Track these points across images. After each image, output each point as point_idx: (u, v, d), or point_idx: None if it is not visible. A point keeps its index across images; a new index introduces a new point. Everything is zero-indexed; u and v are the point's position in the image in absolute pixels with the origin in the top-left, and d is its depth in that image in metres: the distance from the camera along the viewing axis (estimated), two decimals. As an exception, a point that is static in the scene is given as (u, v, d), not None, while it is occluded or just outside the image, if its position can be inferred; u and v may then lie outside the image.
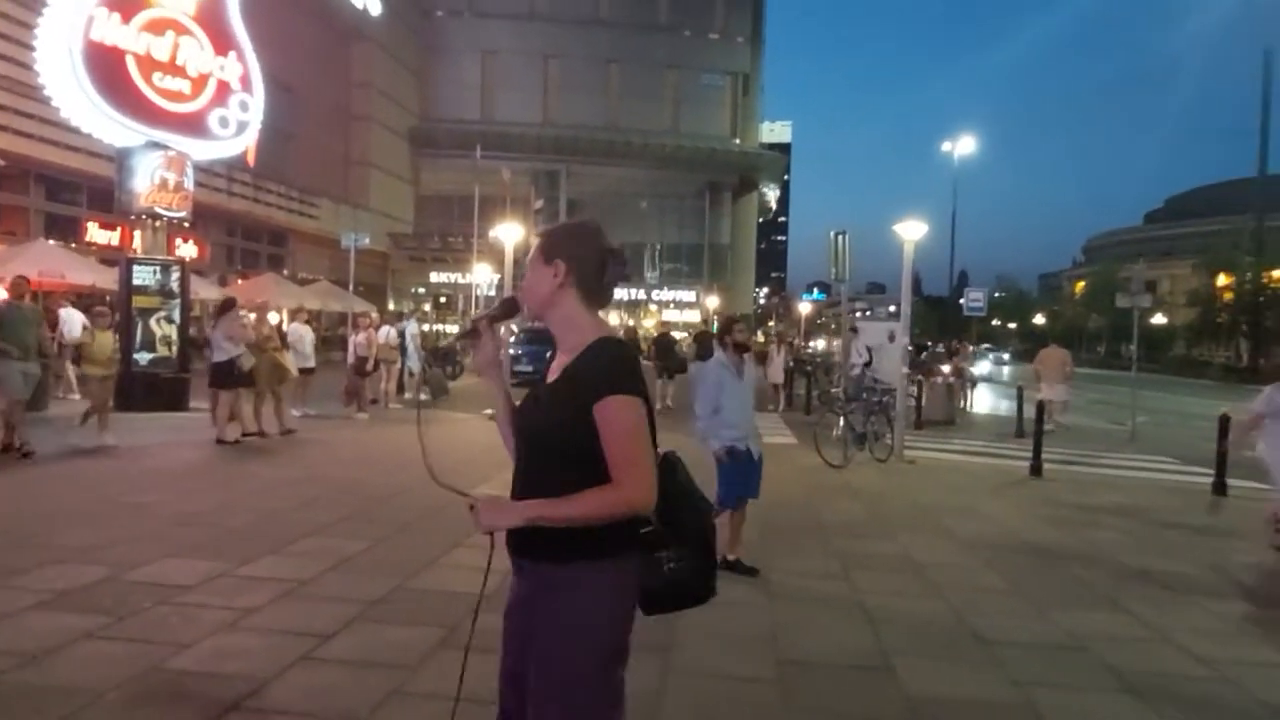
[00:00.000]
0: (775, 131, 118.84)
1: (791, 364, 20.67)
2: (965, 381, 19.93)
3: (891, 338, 15.86)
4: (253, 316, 11.17)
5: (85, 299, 17.17)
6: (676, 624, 3.54)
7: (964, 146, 39.19)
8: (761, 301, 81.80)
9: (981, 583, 5.60)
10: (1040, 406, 11.32)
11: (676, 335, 24.73)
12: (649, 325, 51.31)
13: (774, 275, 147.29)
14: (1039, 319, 69.82)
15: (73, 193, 22.08)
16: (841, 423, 11.12)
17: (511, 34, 49.17)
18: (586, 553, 1.79)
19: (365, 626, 4.17)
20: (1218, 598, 5.51)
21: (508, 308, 2.13)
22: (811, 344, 43.94)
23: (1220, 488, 9.39)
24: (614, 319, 51.56)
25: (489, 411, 13.13)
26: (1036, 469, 10.20)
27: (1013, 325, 74.70)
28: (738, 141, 53.97)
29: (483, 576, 2.05)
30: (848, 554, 6.17)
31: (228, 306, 10.22)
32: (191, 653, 3.69)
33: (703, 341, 20.39)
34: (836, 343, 23.50)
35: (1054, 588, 5.56)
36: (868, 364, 15.56)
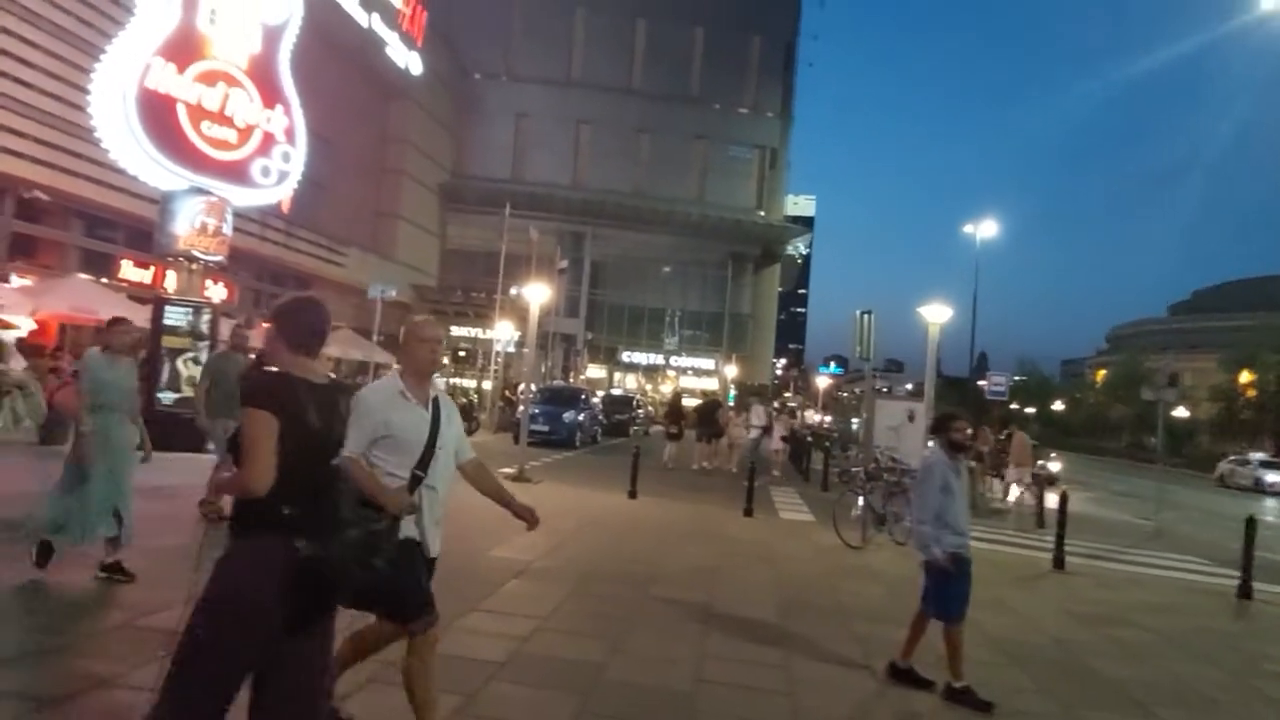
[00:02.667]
0: (799, 205, 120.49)
1: (786, 434, 20.53)
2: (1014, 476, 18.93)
3: (911, 417, 15.77)
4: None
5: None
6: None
7: (986, 229, 39.49)
8: (779, 372, 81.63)
9: (1008, 681, 5.42)
10: (1064, 497, 11.13)
11: (688, 403, 24.78)
12: (665, 390, 51.35)
13: (792, 347, 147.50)
14: (1059, 405, 69.19)
15: (110, 230, 22.57)
16: (861, 502, 10.98)
17: (546, 98, 50.53)
18: (237, 531, 2.41)
19: (381, 689, 4.07)
20: (1244, 707, 5.31)
21: None
22: (821, 417, 43.68)
23: (1246, 591, 9.14)
24: (631, 382, 51.73)
25: (505, 470, 12.89)
26: (1060, 562, 9.97)
27: (1032, 410, 74.27)
28: (762, 213, 54.71)
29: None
30: (869, 639, 6.01)
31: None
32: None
33: (705, 412, 20.43)
34: (855, 420, 23.45)
35: (1081, 689, 5.37)
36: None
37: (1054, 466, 23.31)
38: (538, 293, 16.22)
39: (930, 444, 11.88)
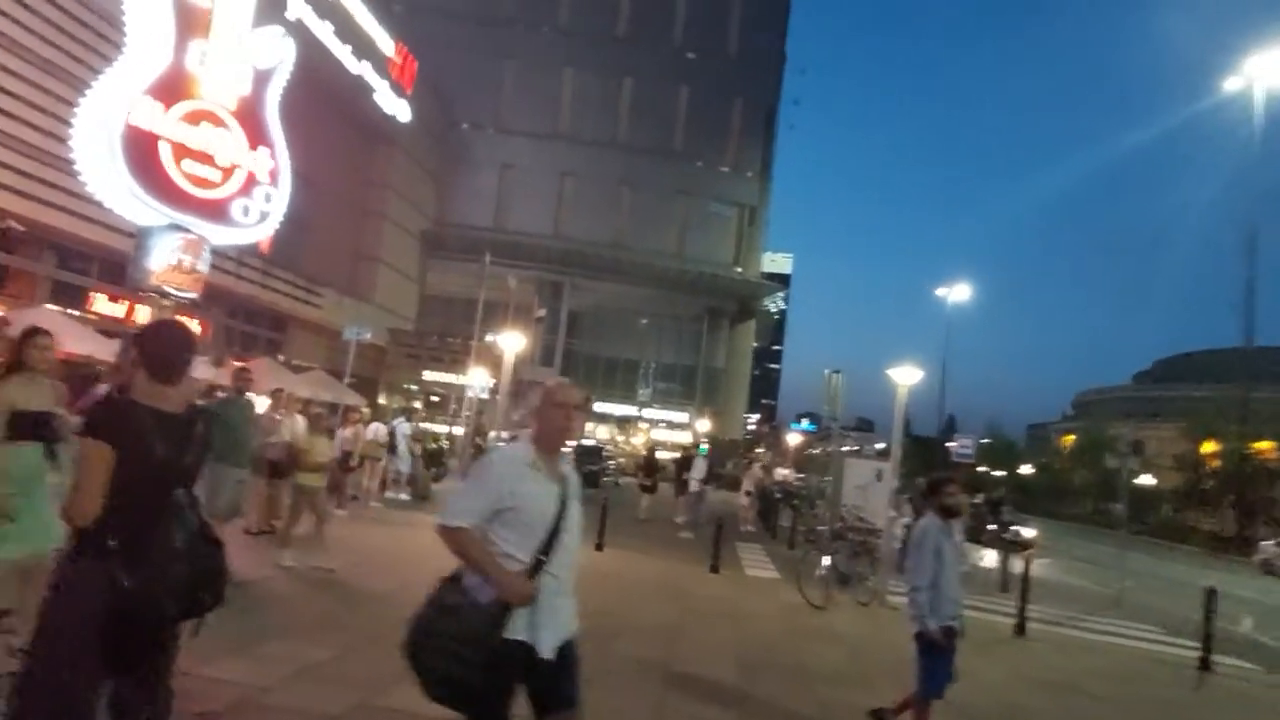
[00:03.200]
0: (776, 262, 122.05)
1: (751, 489, 20.69)
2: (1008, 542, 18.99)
3: (879, 476, 15.89)
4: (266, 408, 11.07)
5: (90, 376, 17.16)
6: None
7: (959, 292, 40.30)
8: (751, 427, 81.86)
9: (963, 747, 5.42)
10: (1027, 563, 11.22)
11: (662, 455, 24.94)
12: (637, 443, 51.22)
13: (765, 402, 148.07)
14: (1026, 469, 69.81)
15: (83, 263, 22.42)
16: (826, 561, 10.99)
17: (531, 149, 51.29)
18: (68, 559, 2.47)
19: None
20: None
21: None
22: (790, 473, 43.69)
23: (1205, 663, 9.21)
24: (604, 433, 51.59)
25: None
26: (1021, 628, 10.02)
27: (999, 473, 74.94)
28: (740, 269, 55.46)
29: None
30: (830, 703, 6.00)
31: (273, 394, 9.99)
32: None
33: (683, 466, 20.49)
34: (825, 478, 23.54)
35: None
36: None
37: (1028, 532, 23.42)
38: (513, 341, 16.28)
39: (897, 506, 11.91)
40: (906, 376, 12.16)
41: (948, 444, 24.43)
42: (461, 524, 2.68)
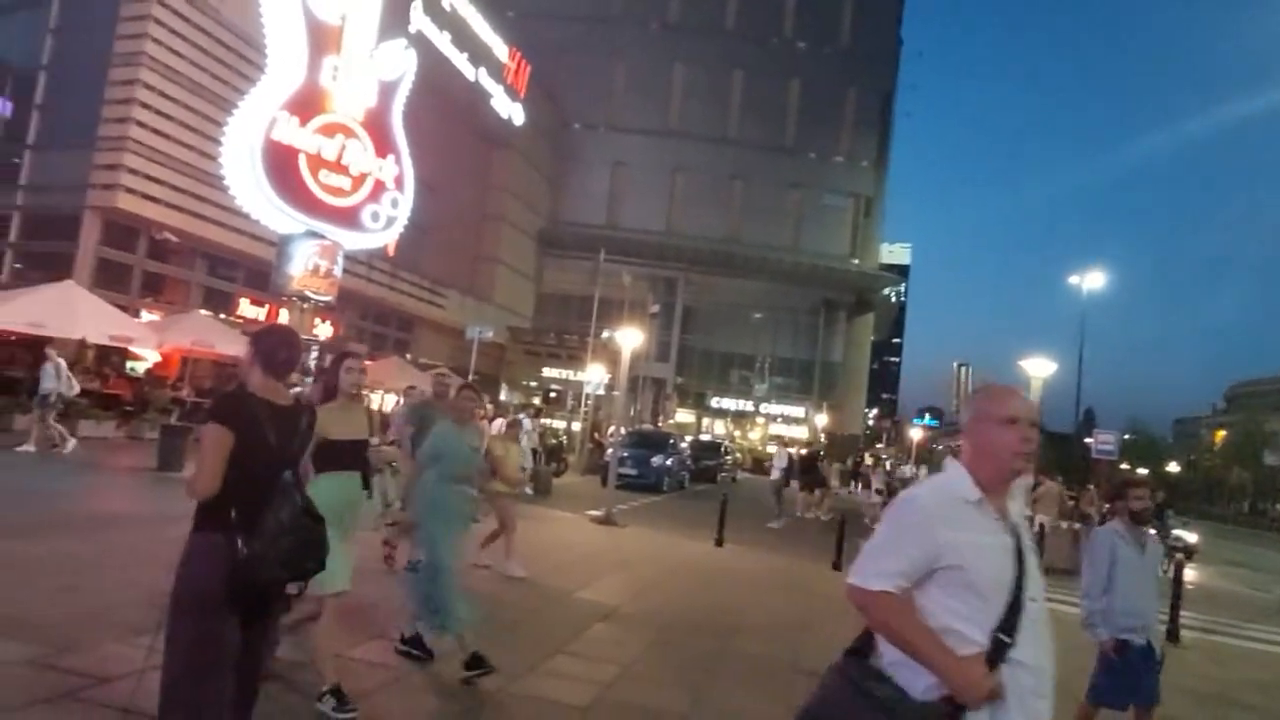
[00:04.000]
0: (895, 253, 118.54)
1: (882, 487, 20.95)
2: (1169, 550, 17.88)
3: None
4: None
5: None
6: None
7: (1093, 280, 37.98)
8: (871, 423, 79.98)
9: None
10: (1180, 566, 10.45)
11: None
12: (754, 438, 50.81)
13: (885, 397, 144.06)
14: (1173, 467, 65.19)
15: (230, 270, 24.08)
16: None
17: (642, 147, 51.62)
18: (194, 529, 2.73)
19: (462, 728, 4.14)
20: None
21: None
22: (915, 469, 42.32)
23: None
24: (720, 427, 51.46)
25: (592, 512, 13.10)
26: (1174, 634, 9.33)
27: (1143, 471, 70.40)
28: (856, 261, 54.11)
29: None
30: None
31: (407, 391, 10.26)
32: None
33: (807, 462, 20.46)
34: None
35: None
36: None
37: (1190, 537, 21.64)
38: (629, 337, 16.41)
39: (1030, 508, 11.32)
40: (1040, 369, 11.55)
41: (1086, 440, 22.99)
42: (884, 587, 1.95)
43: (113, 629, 4.61)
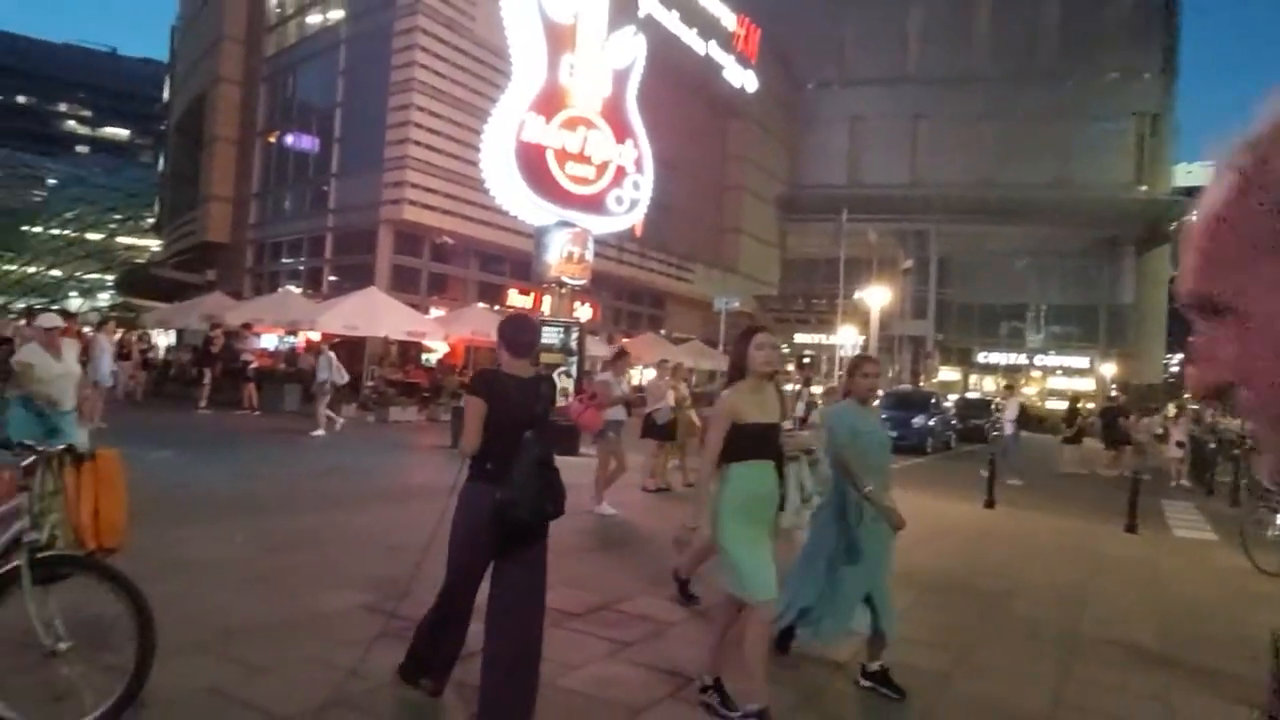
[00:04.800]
0: (1193, 174, 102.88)
1: (1183, 440, 18.24)
2: None
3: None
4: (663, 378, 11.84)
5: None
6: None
7: None
8: (1174, 370, 70.68)
9: None
10: None
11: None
12: (1030, 393, 46.97)
13: (1191, 340, 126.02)
14: None
15: (499, 264, 26.37)
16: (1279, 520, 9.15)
17: (880, 98, 49.12)
18: (468, 479, 3.50)
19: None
20: None
21: None
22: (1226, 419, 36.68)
23: None
24: (989, 384, 48.16)
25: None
26: None
27: None
28: (1143, 188, 47.73)
29: None
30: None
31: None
32: (578, 674, 4.15)
33: (1108, 417, 18.75)
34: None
35: None
36: None
37: None
38: (877, 295, 15.82)
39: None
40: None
41: None
42: None
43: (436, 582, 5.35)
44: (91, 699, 3.09)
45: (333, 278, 25.62)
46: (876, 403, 5.14)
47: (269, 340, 23.07)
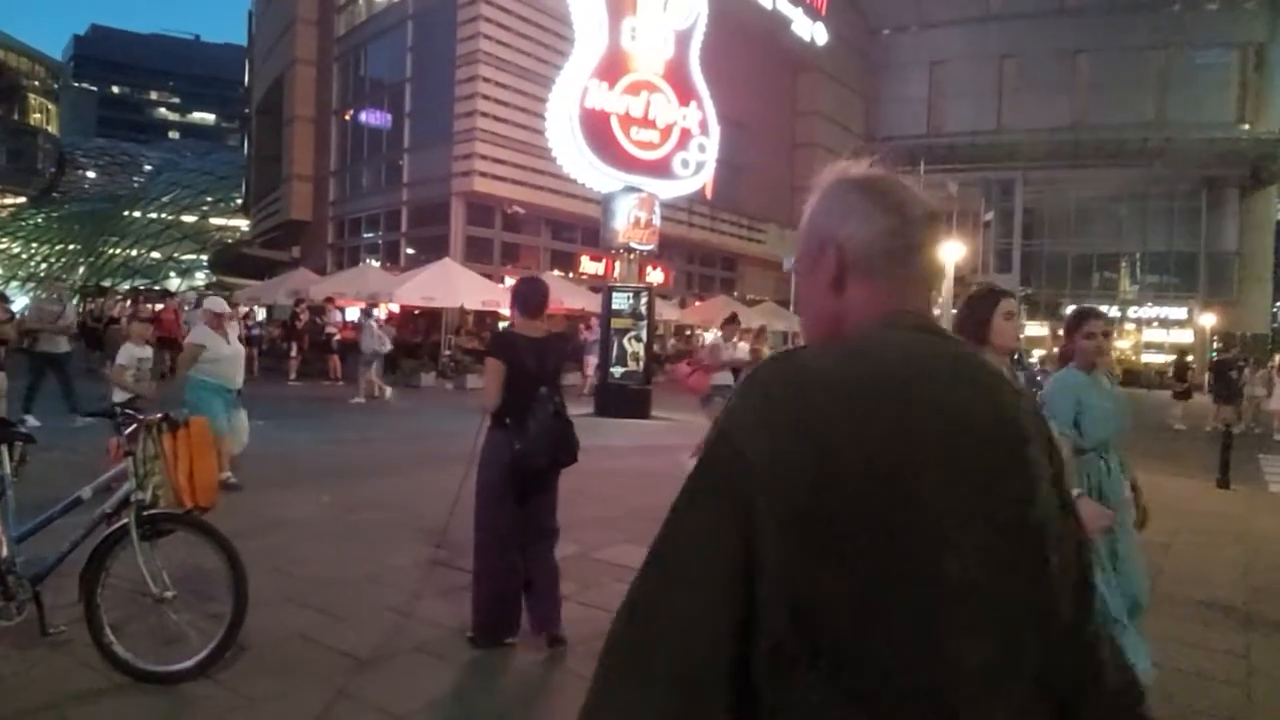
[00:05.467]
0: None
1: None
2: None
3: None
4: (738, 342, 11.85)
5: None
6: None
7: None
8: (1282, 319, 66.63)
9: None
10: None
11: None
12: (1124, 346, 45.14)
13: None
14: None
15: (569, 232, 26.61)
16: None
17: (962, 40, 47.05)
18: (490, 429, 3.91)
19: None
20: None
21: None
22: None
23: None
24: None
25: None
26: None
27: None
28: (1247, 127, 44.69)
29: None
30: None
31: (731, 319, 10.95)
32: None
33: (1220, 371, 18.10)
34: None
35: None
36: None
37: None
38: (952, 250, 15.44)
39: None
40: None
41: None
42: None
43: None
44: (197, 642, 3.41)
45: (409, 250, 26.31)
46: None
47: (350, 313, 23.96)
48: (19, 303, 21.39)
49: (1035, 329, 46.92)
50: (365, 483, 7.87)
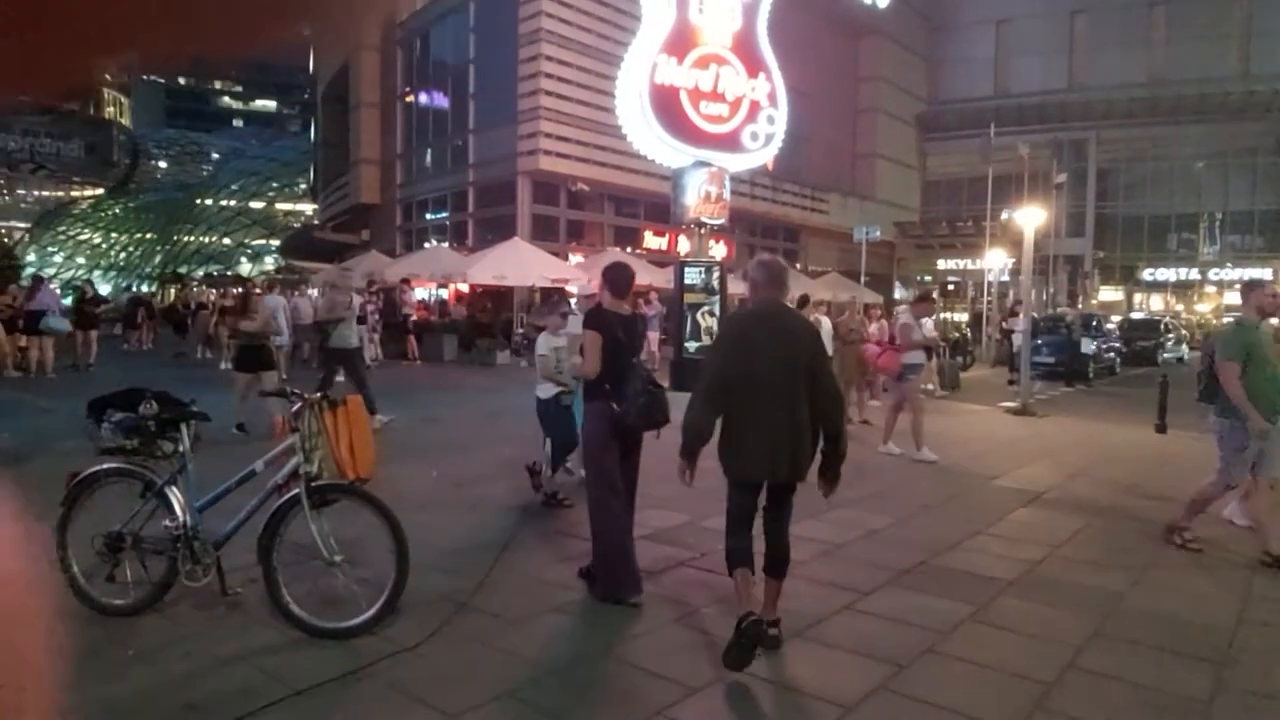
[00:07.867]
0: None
1: None
2: None
3: None
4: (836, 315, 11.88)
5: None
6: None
7: None
8: (1376, 276, 63.37)
9: None
10: None
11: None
12: (1204, 310, 43.58)
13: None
14: None
15: (632, 208, 26.70)
16: None
17: (1030, -4, 45.44)
18: (587, 399, 4.48)
19: (897, 591, 4.60)
20: None
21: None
22: None
23: None
24: (1157, 303, 44.94)
25: (1006, 404, 12.69)
26: None
27: None
28: (1338, 75, 42.32)
29: None
30: None
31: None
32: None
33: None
34: None
35: None
36: None
37: None
38: (1031, 215, 15.13)
39: None
40: None
41: None
42: None
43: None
44: (365, 602, 3.70)
45: (477, 231, 26.75)
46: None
47: (420, 293, 24.49)
48: (103, 289, 22.35)
49: (1109, 294, 45.53)
50: (467, 457, 8.21)
